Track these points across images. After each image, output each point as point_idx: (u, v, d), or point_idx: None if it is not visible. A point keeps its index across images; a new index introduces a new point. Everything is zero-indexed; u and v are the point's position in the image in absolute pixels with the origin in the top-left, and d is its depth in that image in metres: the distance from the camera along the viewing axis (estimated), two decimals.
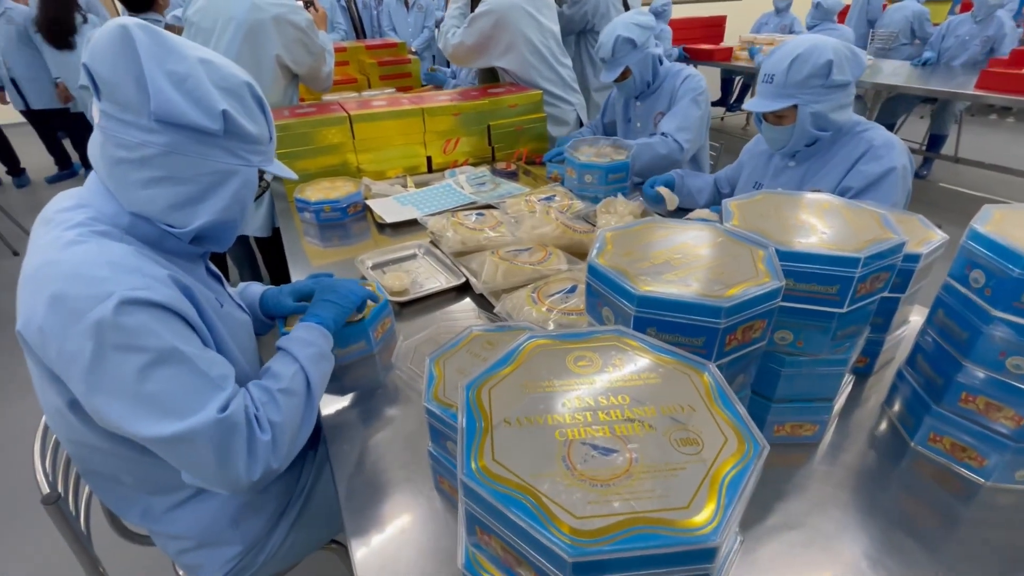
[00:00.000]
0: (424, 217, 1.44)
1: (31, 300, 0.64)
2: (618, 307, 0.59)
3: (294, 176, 0.87)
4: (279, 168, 0.83)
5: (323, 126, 1.74)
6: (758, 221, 0.72)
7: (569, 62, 2.30)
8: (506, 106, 1.98)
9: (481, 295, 1.17)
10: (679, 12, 5.28)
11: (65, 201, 0.73)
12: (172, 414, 0.64)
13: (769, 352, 0.70)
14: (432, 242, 1.39)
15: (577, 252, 1.29)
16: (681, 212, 1.53)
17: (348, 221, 1.62)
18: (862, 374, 0.90)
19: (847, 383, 0.80)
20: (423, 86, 3.01)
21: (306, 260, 1.45)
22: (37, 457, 0.77)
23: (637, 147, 1.67)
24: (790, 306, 0.65)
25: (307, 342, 0.83)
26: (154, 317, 0.64)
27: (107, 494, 0.81)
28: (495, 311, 1.06)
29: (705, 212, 1.39)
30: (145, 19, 2.06)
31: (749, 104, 1.23)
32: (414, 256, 1.38)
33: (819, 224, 0.70)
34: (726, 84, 6.00)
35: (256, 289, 1.05)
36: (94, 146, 0.71)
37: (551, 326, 0.95)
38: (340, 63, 3.01)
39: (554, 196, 1.52)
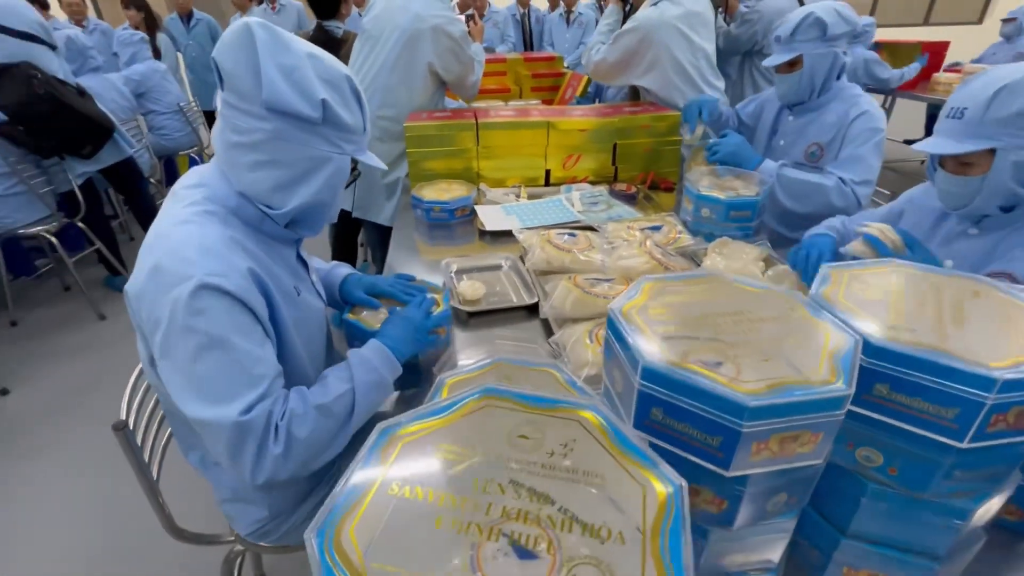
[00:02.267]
0: (520, 229, 1.41)
1: (140, 265, 0.74)
2: (624, 373, 0.49)
3: (383, 167, 0.90)
4: (371, 158, 0.87)
5: (452, 130, 1.81)
6: (863, 297, 0.55)
7: (722, 84, 2.10)
8: (638, 126, 1.87)
9: (548, 319, 1.10)
10: (887, 35, 4.54)
11: (191, 178, 0.84)
12: (205, 399, 0.69)
13: (847, 470, 0.53)
14: (522, 257, 1.36)
15: None
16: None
17: (455, 223, 1.66)
18: (1012, 530, 0.65)
19: (975, 538, 0.58)
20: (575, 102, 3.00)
21: (409, 254, 1.51)
22: (127, 393, 0.91)
23: (800, 183, 1.45)
24: (883, 420, 0.48)
25: (372, 367, 0.83)
26: (221, 304, 0.70)
27: (178, 434, 0.92)
28: (551, 340, 0.99)
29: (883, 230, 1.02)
30: (328, 27, 2.37)
31: (925, 145, 0.97)
32: (500, 267, 1.36)
33: (958, 316, 0.51)
34: (932, 121, 5.02)
35: (341, 271, 1.10)
36: (215, 132, 0.80)
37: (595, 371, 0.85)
38: (498, 73, 3.14)
39: (661, 227, 1.38)
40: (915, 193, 1.19)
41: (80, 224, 2.67)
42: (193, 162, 4.15)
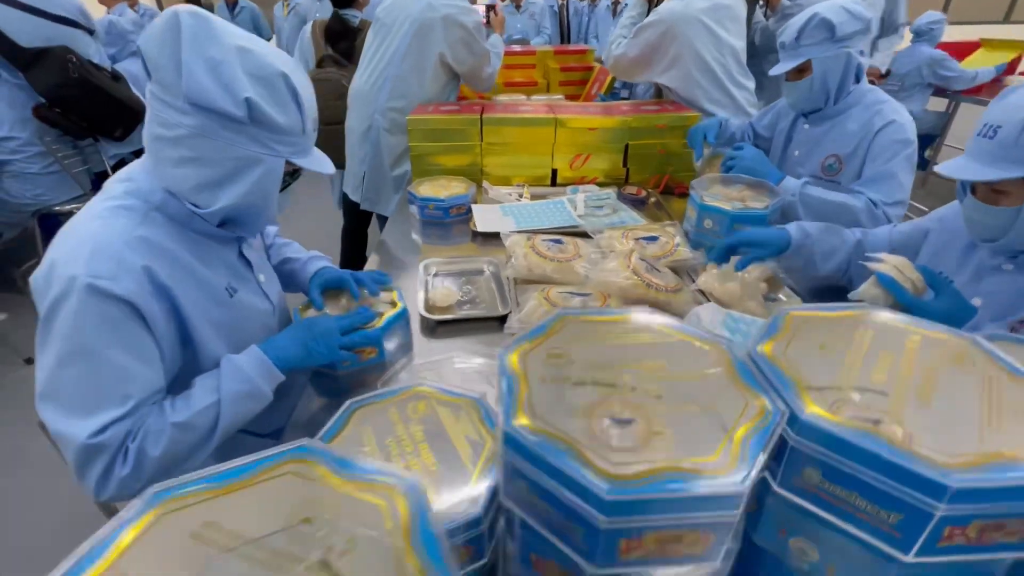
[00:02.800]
0: (508, 233, 1.34)
1: (44, 257, 0.71)
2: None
3: (331, 171, 0.85)
4: (316, 162, 0.82)
5: (456, 125, 1.75)
6: (811, 354, 0.45)
7: (752, 84, 1.95)
8: (652, 126, 1.76)
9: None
10: (960, 34, 4.14)
11: (123, 172, 0.81)
12: (62, 408, 0.67)
13: (778, 561, 0.44)
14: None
15: None
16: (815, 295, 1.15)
17: (450, 222, 1.60)
18: None
19: None
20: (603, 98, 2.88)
21: (397, 250, 1.47)
22: None
23: (825, 203, 1.30)
24: (815, 511, 0.39)
25: (244, 377, 0.77)
26: (102, 310, 0.66)
27: None
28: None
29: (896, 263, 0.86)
30: (344, 15, 2.35)
31: (950, 167, 0.83)
32: (481, 272, 1.29)
33: (926, 388, 0.41)
34: None
35: (314, 265, 1.06)
36: (145, 123, 0.77)
37: None
38: (527, 66, 3.05)
39: (658, 237, 1.28)
40: (947, 212, 1.04)
41: None
42: None
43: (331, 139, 2.33)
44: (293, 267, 1.05)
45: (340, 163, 2.24)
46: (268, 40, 4.08)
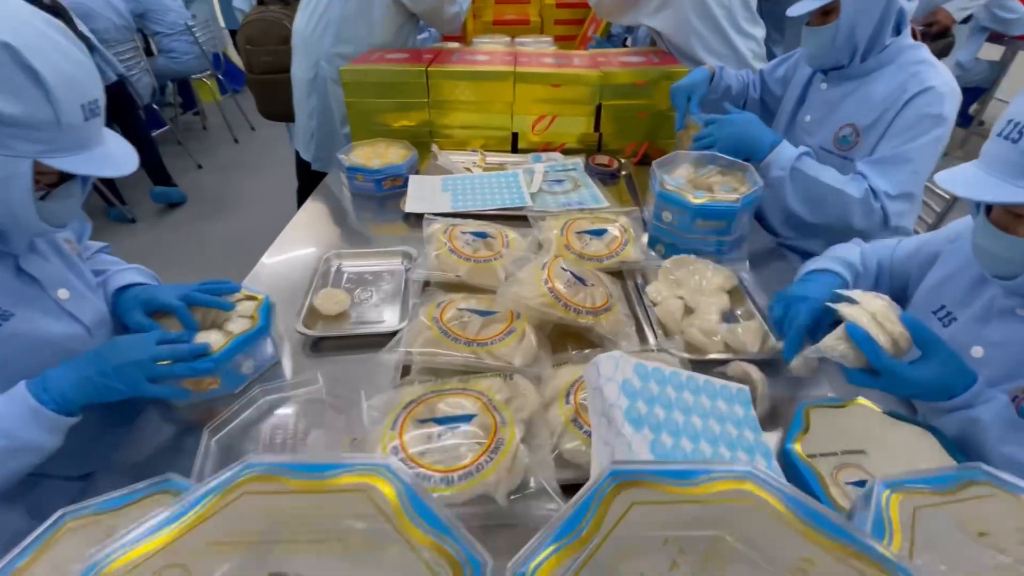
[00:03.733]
0: (432, 217, 1.13)
1: None
2: None
3: (121, 172, 0.66)
4: (89, 162, 0.62)
5: (398, 78, 1.50)
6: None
7: (761, 32, 1.63)
8: (630, 83, 1.48)
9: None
10: None
11: None
12: None
13: None
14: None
15: (563, 337, 0.87)
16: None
17: (383, 196, 1.40)
18: None
19: None
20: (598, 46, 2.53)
21: (311, 230, 1.28)
22: None
23: (817, 184, 1.08)
24: None
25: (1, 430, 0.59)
26: None
27: None
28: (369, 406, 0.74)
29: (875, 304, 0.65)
30: None
31: (955, 179, 0.59)
32: (394, 269, 1.10)
33: None
34: None
35: (118, 280, 0.85)
36: None
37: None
38: (522, 1, 2.70)
39: (606, 230, 1.06)
40: (964, 231, 0.80)
41: None
42: (221, 88, 4.03)
43: (278, 90, 2.09)
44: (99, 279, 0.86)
45: (290, 116, 2.02)
46: None
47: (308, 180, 2.19)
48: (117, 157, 0.66)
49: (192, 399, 0.76)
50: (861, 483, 0.63)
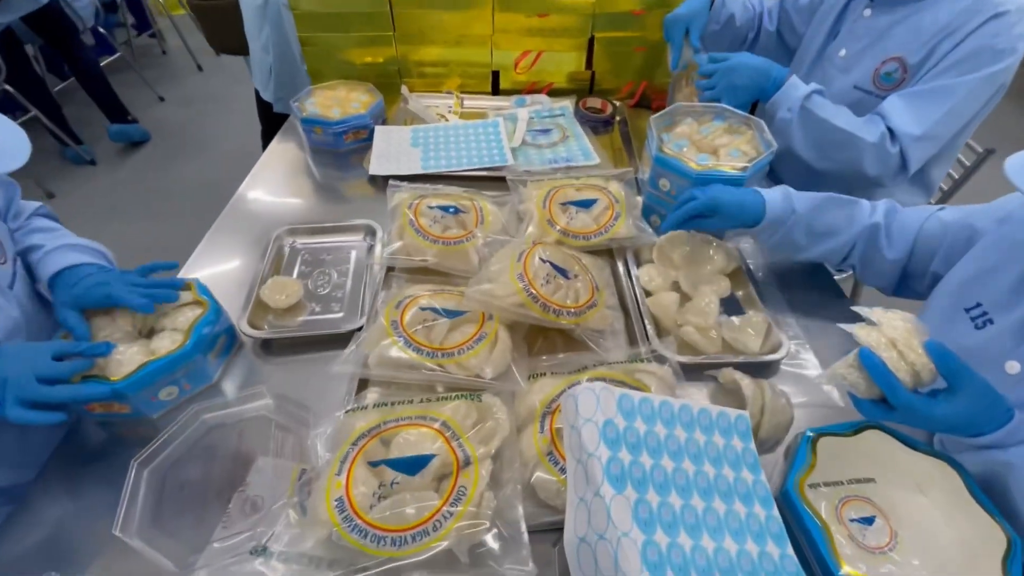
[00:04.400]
0: (397, 184, 1.00)
1: None
2: None
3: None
4: None
5: (357, 6, 1.27)
6: None
7: None
8: (626, 11, 1.27)
9: None
10: None
11: None
12: None
13: None
14: None
15: (542, 333, 0.78)
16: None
17: (346, 151, 1.24)
18: None
19: None
20: None
21: (271, 193, 1.13)
22: None
23: (827, 127, 0.95)
24: None
25: None
26: None
27: None
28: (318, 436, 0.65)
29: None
30: None
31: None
32: (351, 250, 0.98)
33: None
34: None
35: (49, 266, 0.71)
36: None
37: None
38: None
39: (595, 200, 0.93)
40: (1016, 210, 0.68)
41: (6, 87, 2.36)
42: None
43: (227, 19, 1.83)
44: (31, 260, 0.73)
45: (245, 49, 1.78)
46: None
47: (272, 123, 1.99)
48: None
49: (112, 415, 0.67)
50: (867, 520, 0.57)
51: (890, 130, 0.93)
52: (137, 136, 2.85)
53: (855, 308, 0.55)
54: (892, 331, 0.51)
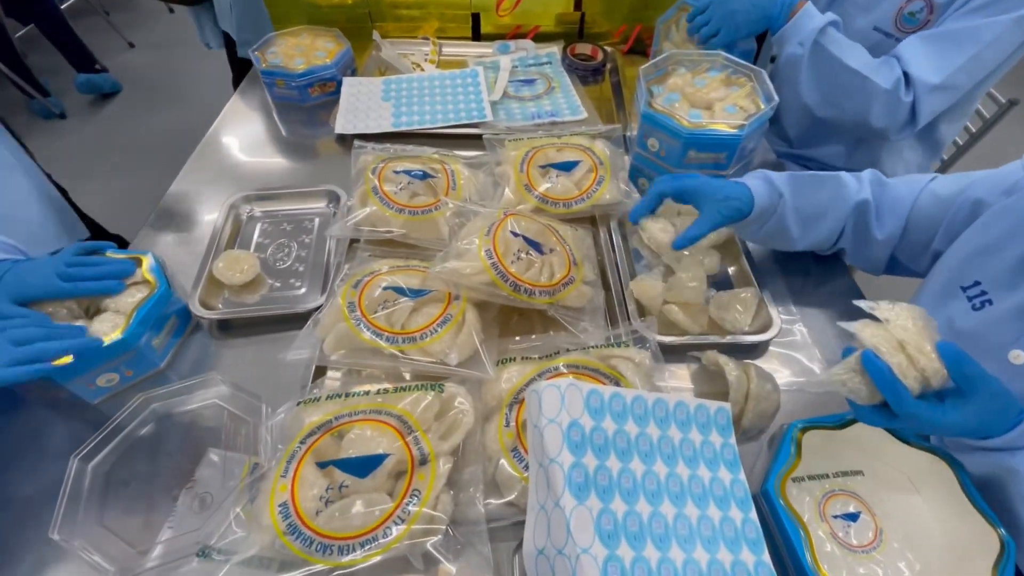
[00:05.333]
0: (362, 145, 0.91)
1: None
2: None
3: None
4: None
5: None
6: None
7: None
8: None
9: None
10: None
11: None
12: None
13: None
14: None
15: (514, 312, 0.72)
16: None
17: (312, 106, 1.14)
18: None
19: None
20: None
21: (242, 149, 1.05)
22: None
23: (838, 66, 0.87)
24: None
25: None
26: None
27: None
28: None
29: None
30: None
31: None
32: (314, 220, 0.91)
33: None
34: None
35: None
36: None
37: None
38: None
39: (578, 162, 0.85)
40: None
41: None
42: None
43: None
44: None
45: None
46: None
47: (240, 68, 1.85)
48: None
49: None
50: (851, 516, 0.53)
51: (906, 75, 0.84)
52: (107, 87, 2.69)
53: (858, 303, 0.49)
54: (902, 332, 0.45)
